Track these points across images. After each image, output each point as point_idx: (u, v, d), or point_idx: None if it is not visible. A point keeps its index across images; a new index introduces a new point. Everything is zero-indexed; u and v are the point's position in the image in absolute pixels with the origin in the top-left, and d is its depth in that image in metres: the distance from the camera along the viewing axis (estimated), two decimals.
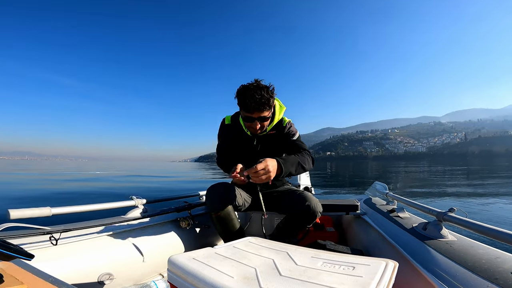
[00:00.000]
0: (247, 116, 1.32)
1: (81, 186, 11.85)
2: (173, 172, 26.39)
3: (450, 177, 16.23)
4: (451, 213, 1.07)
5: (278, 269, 0.67)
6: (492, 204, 6.32)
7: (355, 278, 0.59)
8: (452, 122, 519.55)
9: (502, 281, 0.68)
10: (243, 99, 1.29)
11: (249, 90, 1.28)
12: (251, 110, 1.28)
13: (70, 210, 1.22)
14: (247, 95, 1.27)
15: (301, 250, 0.82)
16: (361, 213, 1.81)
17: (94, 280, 1.10)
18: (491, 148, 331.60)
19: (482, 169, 20.60)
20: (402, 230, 1.29)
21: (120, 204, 1.47)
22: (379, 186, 2.21)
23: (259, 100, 1.26)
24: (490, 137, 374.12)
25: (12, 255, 0.60)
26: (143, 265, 1.31)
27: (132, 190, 10.07)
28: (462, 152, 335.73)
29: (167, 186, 12.31)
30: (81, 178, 16.65)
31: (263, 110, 1.29)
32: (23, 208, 1.05)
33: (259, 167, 1.10)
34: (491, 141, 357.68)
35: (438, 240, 1.04)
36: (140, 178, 18.27)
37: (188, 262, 0.70)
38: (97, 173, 22.62)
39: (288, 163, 1.24)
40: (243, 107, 1.31)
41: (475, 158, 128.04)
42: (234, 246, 0.86)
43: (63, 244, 1.09)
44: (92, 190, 9.93)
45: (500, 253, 0.84)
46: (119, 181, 14.99)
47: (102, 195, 8.38)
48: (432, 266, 0.90)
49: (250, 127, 1.39)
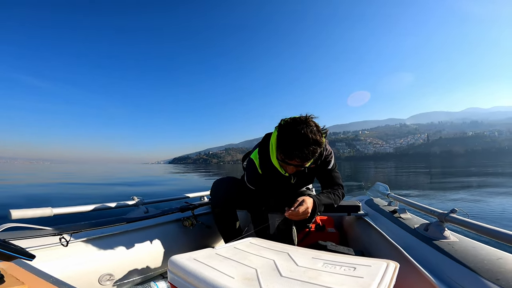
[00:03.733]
0: (286, 161, 1.12)
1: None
2: (130, 177, 20.30)
3: (415, 175, 17.12)
4: (453, 214, 1.06)
5: (279, 270, 0.66)
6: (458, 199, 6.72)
7: (356, 279, 0.59)
8: (416, 124, 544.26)
9: (504, 281, 0.68)
10: (287, 144, 1.07)
11: (298, 136, 1.04)
12: (292, 159, 1.09)
13: (72, 210, 1.22)
14: (294, 143, 1.05)
15: (302, 251, 0.82)
16: (362, 214, 1.81)
17: (94, 280, 1.10)
18: (451, 148, 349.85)
19: (442, 171, 21.47)
20: (404, 231, 1.28)
21: (121, 204, 1.47)
22: (380, 187, 2.20)
23: (306, 156, 1.06)
24: (450, 138, 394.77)
25: (13, 255, 0.61)
26: (144, 265, 1.31)
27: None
28: (425, 152, 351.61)
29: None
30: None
31: (307, 162, 1.12)
32: (25, 208, 1.06)
33: (301, 210, 1.09)
34: (451, 142, 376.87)
35: (440, 241, 1.03)
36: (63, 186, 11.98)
37: (188, 263, 0.70)
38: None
39: (322, 203, 1.22)
40: (284, 152, 1.09)
41: (436, 158, 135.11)
42: (235, 247, 0.86)
43: (65, 245, 1.09)
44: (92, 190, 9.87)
45: (502, 254, 0.84)
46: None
47: (102, 195, 8.37)
48: (433, 267, 0.90)
49: (285, 168, 1.23)
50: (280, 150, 1.11)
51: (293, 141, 1.05)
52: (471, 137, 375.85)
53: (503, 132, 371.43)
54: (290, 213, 1.10)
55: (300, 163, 1.11)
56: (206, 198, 2.07)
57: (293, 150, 1.06)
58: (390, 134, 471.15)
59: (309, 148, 1.05)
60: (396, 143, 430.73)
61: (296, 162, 1.11)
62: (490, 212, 4.75)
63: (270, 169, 1.27)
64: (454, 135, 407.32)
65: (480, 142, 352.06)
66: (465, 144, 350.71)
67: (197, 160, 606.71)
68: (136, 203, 1.58)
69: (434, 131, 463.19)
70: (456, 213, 1.06)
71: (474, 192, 7.32)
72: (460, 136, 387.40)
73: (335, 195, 1.32)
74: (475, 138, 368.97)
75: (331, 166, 1.37)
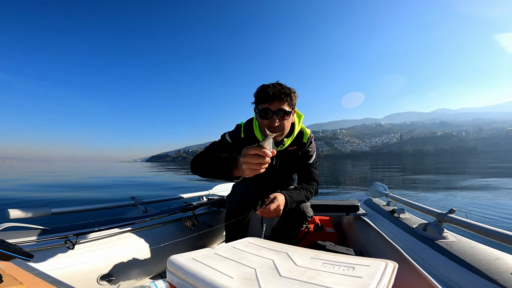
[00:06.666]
0: (265, 108, 1.17)
1: None
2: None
3: (389, 172, 17.88)
4: (451, 214, 1.07)
5: (278, 270, 0.66)
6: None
7: (354, 278, 0.59)
8: (390, 123, 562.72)
9: (502, 281, 0.68)
10: (263, 89, 1.19)
11: (270, 84, 1.21)
12: (270, 98, 1.16)
13: (70, 210, 1.22)
14: (268, 86, 1.19)
15: (300, 251, 0.82)
16: (361, 213, 1.81)
17: (94, 280, 1.10)
18: (422, 147, 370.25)
19: (414, 168, 22.37)
20: (402, 231, 1.29)
21: (120, 204, 1.47)
22: (379, 187, 2.20)
23: (280, 89, 1.17)
24: (421, 138, 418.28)
25: (11, 255, 0.60)
26: (143, 265, 1.31)
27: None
28: (399, 151, 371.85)
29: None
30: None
31: (284, 100, 1.17)
32: (23, 207, 1.05)
33: (272, 208, 1.10)
34: (422, 141, 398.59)
35: (438, 241, 1.04)
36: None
37: (187, 263, 0.70)
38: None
39: (293, 200, 1.23)
40: (262, 97, 1.18)
41: (409, 157, 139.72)
42: (234, 247, 0.86)
43: (63, 244, 1.09)
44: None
45: (501, 254, 0.84)
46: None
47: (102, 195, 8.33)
48: (432, 266, 0.90)
49: (268, 128, 1.20)
50: (257, 100, 1.21)
51: (265, 86, 1.19)
52: (441, 136, 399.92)
53: (469, 132, 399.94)
54: (261, 211, 1.11)
55: (279, 104, 1.17)
56: (205, 198, 2.07)
57: (266, 88, 1.17)
58: (367, 133, 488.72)
59: (283, 86, 1.19)
60: (372, 142, 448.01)
61: (275, 102, 1.16)
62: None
63: (252, 139, 1.30)
64: (425, 134, 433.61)
65: (449, 141, 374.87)
66: (435, 143, 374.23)
67: (176, 158, 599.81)
68: (135, 203, 1.58)
69: (406, 131, 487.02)
70: (455, 213, 1.07)
71: (445, 192, 7.54)
72: (431, 136, 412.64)
73: (308, 191, 1.33)
74: (444, 138, 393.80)
75: (313, 160, 1.40)
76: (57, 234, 1.07)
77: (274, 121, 1.17)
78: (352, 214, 1.83)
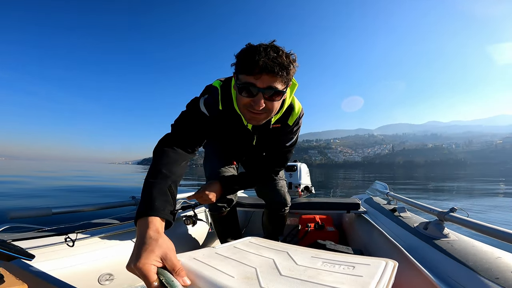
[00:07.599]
0: (249, 83, 0.81)
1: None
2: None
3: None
4: (452, 212, 1.06)
5: (278, 269, 0.66)
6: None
7: (355, 277, 0.59)
8: (382, 134, 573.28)
9: (503, 280, 0.68)
10: (249, 55, 0.79)
11: (261, 47, 0.80)
12: (258, 69, 0.78)
13: (71, 210, 1.22)
14: (258, 50, 0.79)
15: (301, 250, 0.82)
16: (362, 211, 1.81)
17: (94, 280, 1.10)
18: (413, 159, 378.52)
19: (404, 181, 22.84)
20: (403, 230, 1.29)
21: (120, 204, 1.47)
22: (380, 185, 2.20)
23: (275, 58, 0.78)
24: (412, 149, 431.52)
25: (13, 255, 0.61)
26: None
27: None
28: (390, 162, 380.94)
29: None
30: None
31: (277, 75, 0.79)
32: (24, 208, 1.05)
33: (197, 197, 1.13)
34: (413, 153, 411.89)
35: (439, 240, 1.04)
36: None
37: (188, 262, 0.70)
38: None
39: (233, 188, 1.20)
40: (247, 66, 0.80)
41: (400, 168, 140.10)
42: (235, 246, 0.86)
43: (64, 244, 1.09)
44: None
45: (502, 253, 0.84)
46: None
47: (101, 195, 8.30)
48: (433, 265, 0.90)
49: (249, 110, 0.88)
50: (239, 70, 0.83)
51: (253, 49, 0.80)
52: (431, 148, 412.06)
53: (459, 145, 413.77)
54: (194, 195, 1.13)
55: (269, 79, 0.80)
56: None
57: (254, 54, 0.78)
58: (359, 143, 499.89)
59: (279, 52, 0.80)
60: (364, 152, 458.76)
61: (264, 76, 0.79)
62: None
63: (231, 114, 1.00)
64: (416, 146, 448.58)
65: (439, 154, 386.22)
66: (426, 155, 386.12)
67: None
68: (135, 203, 1.58)
69: (398, 142, 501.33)
70: (456, 212, 1.06)
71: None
72: (421, 148, 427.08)
73: (257, 179, 1.24)
74: (434, 150, 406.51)
75: (291, 143, 1.14)
76: (58, 234, 1.07)
77: (258, 102, 0.83)
78: (353, 212, 1.83)
